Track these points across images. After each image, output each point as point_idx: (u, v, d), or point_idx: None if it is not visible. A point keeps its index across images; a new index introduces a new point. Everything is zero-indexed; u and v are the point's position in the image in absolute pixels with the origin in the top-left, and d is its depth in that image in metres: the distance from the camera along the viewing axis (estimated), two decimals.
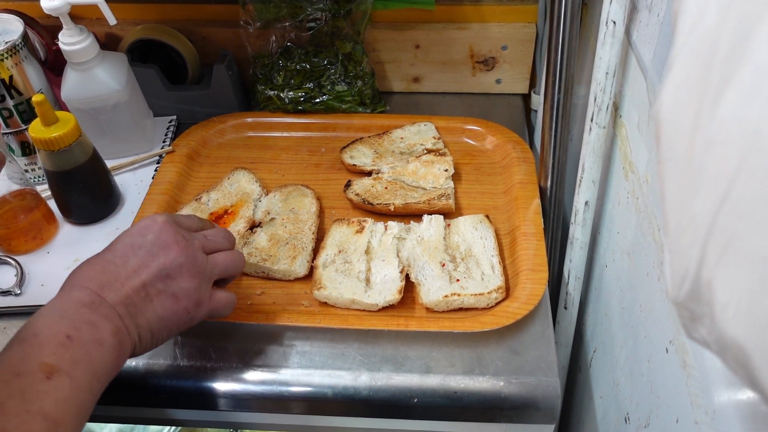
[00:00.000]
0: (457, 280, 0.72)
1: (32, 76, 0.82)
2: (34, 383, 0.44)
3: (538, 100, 1.01)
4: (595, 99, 0.68)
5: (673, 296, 0.30)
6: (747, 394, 0.41)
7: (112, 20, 0.78)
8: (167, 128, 0.96)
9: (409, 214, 0.81)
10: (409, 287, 0.72)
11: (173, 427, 1.07)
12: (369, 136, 0.92)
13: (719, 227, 0.25)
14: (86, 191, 0.80)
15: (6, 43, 0.78)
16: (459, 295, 0.70)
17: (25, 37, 0.80)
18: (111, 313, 0.51)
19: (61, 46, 0.81)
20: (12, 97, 0.81)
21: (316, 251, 0.76)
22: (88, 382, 0.48)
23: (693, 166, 0.26)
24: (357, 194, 0.83)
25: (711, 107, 0.24)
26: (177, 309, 0.56)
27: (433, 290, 0.70)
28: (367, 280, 0.72)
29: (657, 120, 0.28)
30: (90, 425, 0.94)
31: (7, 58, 0.78)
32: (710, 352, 0.30)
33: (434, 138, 0.90)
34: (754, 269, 0.24)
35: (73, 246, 0.80)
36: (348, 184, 0.84)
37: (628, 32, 0.66)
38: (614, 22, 0.63)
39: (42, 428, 0.43)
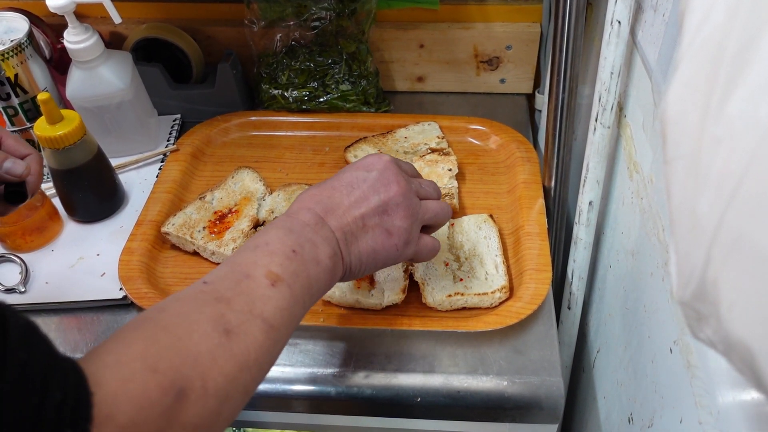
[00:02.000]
0: (461, 279, 0.72)
1: (37, 75, 0.82)
2: (260, 288, 0.48)
3: (542, 100, 1.01)
4: (599, 99, 0.68)
5: (679, 296, 0.30)
6: (751, 395, 0.41)
7: (117, 19, 0.79)
8: (171, 127, 0.97)
9: None
10: (412, 287, 0.72)
11: None
12: (373, 136, 0.92)
13: (726, 226, 0.25)
14: (90, 189, 0.80)
15: (11, 41, 0.78)
16: (462, 294, 0.70)
17: (30, 35, 0.81)
18: (330, 236, 0.55)
19: (66, 44, 0.82)
20: (17, 96, 0.81)
21: None
22: (303, 295, 0.51)
23: (700, 165, 0.26)
24: None
25: (718, 106, 0.24)
26: (388, 244, 0.58)
27: (436, 290, 0.70)
28: (371, 280, 0.72)
29: (663, 119, 0.28)
30: None
31: (12, 56, 0.78)
32: (716, 352, 0.30)
33: (438, 137, 0.90)
34: (761, 269, 0.24)
35: (77, 244, 0.80)
36: None
37: (633, 32, 0.66)
38: (619, 22, 0.63)
39: (260, 329, 0.46)
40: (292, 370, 0.67)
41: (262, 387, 0.66)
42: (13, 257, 0.77)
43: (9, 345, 0.31)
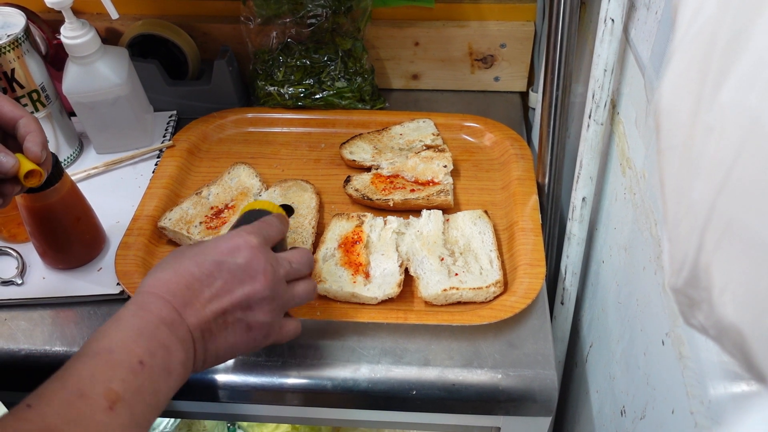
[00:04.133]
0: (456, 274, 0.72)
1: (34, 70, 0.82)
2: (96, 412, 0.42)
3: (536, 98, 1.02)
4: (593, 96, 0.69)
5: (672, 283, 0.31)
6: (742, 383, 0.42)
7: (114, 14, 0.79)
8: (167, 123, 0.97)
9: (408, 210, 0.81)
10: (408, 281, 0.73)
11: (172, 420, 1.08)
12: (368, 132, 0.93)
13: (718, 213, 0.26)
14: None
15: (8, 36, 0.78)
16: (457, 289, 0.70)
17: (27, 30, 0.81)
18: (187, 337, 0.49)
19: (63, 39, 0.82)
20: (14, 90, 0.81)
21: (316, 245, 0.77)
22: (146, 416, 0.45)
23: (692, 153, 0.27)
24: (356, 189, 0.83)
25: (710, 95, 0.25)
26: (247, 339, 0.54)
27: (431, 284, 0.71)
28: (367, 274, 0.73)
29: (657, 110, 0.29)
30: None
31: (9, 51, 0.78)
32: (708, 338, 0.31)
33: (433, 134, 0.91)
34: (752, 253, 0.25)
35: None
36: (347, 180, 0.85)
37: (626, 30, 0.66)
38: (612, 20, 0.64)
39: None
40: (288, 363, 0.67)
41: (258, 380, 0.67)
42: (9, 250, 0.77)
43: None
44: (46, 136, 0.60)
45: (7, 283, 0.74)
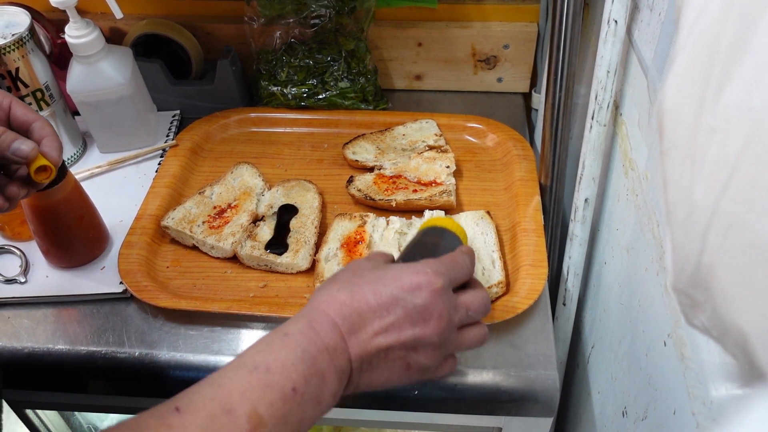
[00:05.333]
0: None
1: (38, 69, 0.83)
2: None
3: (538, 99, 1.02)
4: (596, 97, 0.69)
5: (674, 283, 0.31)
6: (743, 384, 0.42)
7: (118, 14, 0.79)
8: (171, 122, 0.97)
9: (411, 210, 0.81)
10: None
11: None
12: (371, 133, 0.93)
13: (720, 213, 0.26)
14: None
15: (13, 35, 0.79)
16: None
17: (31, 29, 0.81)
18: (345, 367, 0.48)
19: (67, 39, 0.82)
20: (18, 89, 0.81)
21: (318, 245, 0.77)
22: None
23: (695, 154, 0.27)
24: (359, 190, 0.83)
25: (714, 96, 0.25)
26: (403, 377, 0.52)
27: None
28: None
29: (660, 111, 0.29)
30: (90, 416, 0.95)
31: (13, 50, 0.79)
32: (710, 338, 0.31)
33: (436, 135, 0.91)
34: (754, 254, 0.25)
35: None
36: (350, 180, 0.85)
37: (629, 31, 0.67)
38: (616, 21, 0.64)
39: None
40: None
41: None
42: (12, 249, 0.78)
43: None
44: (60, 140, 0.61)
45: (11, 281, 0.74)
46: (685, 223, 0.28)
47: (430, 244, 0.59)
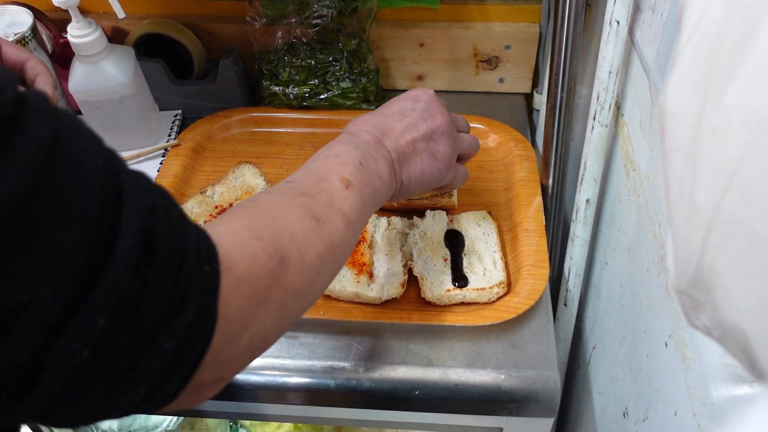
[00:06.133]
0: None
1: None
2: (337, 189, 0.53)
3: (540, 100, 1.02)
4: (597, 98, 0.69)
5: (675, 284, 0.31)
6: (744, 385, 0.42)
7: (121, 14, 0.79)
8: (173, 122, 0.97)
9: (412, 210, 0.81)
10: (411, 281, 0.73)
11: (174, 418, 1.08)
12: None
13: (722, 214, 0.26)
14: None
15: (15, 35, 0.79)
16: (461, 289, 0.70)
17: (34, 29, 0.81)
18: (387, 156, 0.60)
19: (69, 38, 0.82)
20: None
21: None
22: (369, 202, 0.56)
23: (697, 155, 0.27)
24: None
25: (716, 97, 0.25)
26: (434, 167, 0.64)
27: (435, 284, 0.71)
28: (370, 274, 0.73)
29: (662, 111, 0.29)
30: None
31: None
32: (711, 339, 0.31)
33: None
34: (756, 255, 0.25)
35: None
36: None
37: (631, 32, 0.67)
38: (618, 22, 0.64)
39: (341, 221, 0.51)
40: (292, 362, 0.68)
41: (261, 379, 0.67)
42: None
43: (154, 194, 0.36)
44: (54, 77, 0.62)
45: None
46: (687, 224, 0.28)
47: None
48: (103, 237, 0.30)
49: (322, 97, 0.96)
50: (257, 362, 0.67)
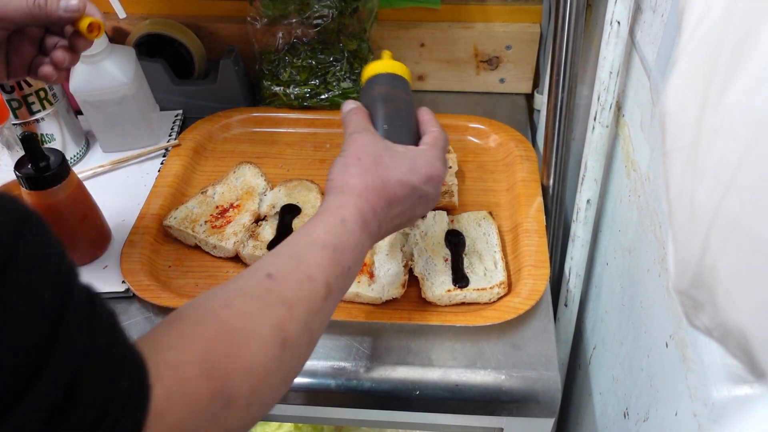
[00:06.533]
0: None
1: None
2: (318, 298, 0.47)
3: (541, 100, 1.02)
4: (598, 98, 0.69)
5: (676, 285, 0.31)
6: (745, 386, 0.42)
7: (122, 14, 0.79)
8: (173, 122, 0.97)
9: None
10: (412, 282, 0.73)
11: None
12: None
13: (723, 215, 0.26)
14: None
15: None
16: (461, 289, 0.70)
17: None
18: (376, 233, 0.56)
19: None
20: (21, 88, 0.81)
21: None
22: (335, 306, 0.52)
23: (698, 155, 0.27)
24: None
25: (717, 97, 0.25)
26: (412, 221, 0.63)
27: (436, 285, 0.71)
28: (371, 274, 0.73)
29: (663, 112, 0.29)
30: None
31: None
32: (712, 339, 0.31)
33: None
34: (757, 255, 0.25)
35: None
36: None
37: (632, 32, 0.67)
38: (618, 23, 0.64)
39: (308, 343, 0.47)
40: None
41: None
42: None
43: (98, 331, 0.32)
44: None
45: None
46: (687, 225, 0.28)
47: (398, 100, 0.66)
48: (20, 381, 0.28)
49: (322, 97, 0.96)
50: None
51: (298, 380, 0.67)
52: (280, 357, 0.43)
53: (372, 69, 0.69)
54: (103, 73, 0.85)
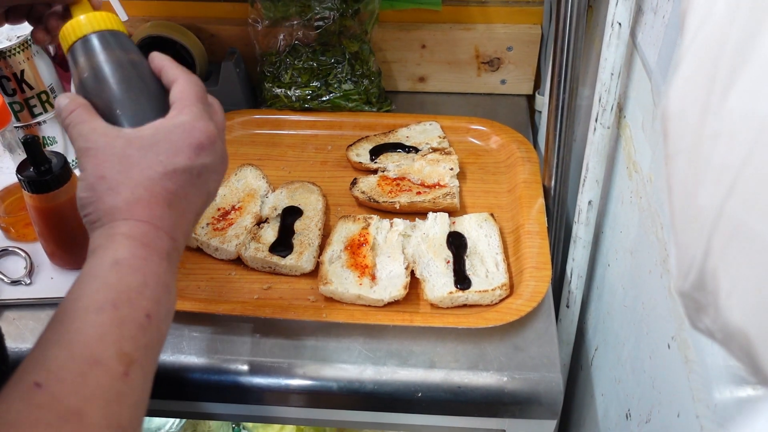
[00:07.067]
0: None
1: (43, 71, 0.83)
2: (114, 381, 0.37)
3: (542, 101, 1.02)
4: (599, 99, 0.69)
5: (678, 287, 0.31)
6: (748, 388, 0.42)
7: (123, 16, 0.80)
8: None
9: (415, 212, 0.81)
10: (414, 284, 0.73)
11: (177, 420, 1.08)
12: (375, 135, 0.93)
13: (725, 217, 0.26)
14: None
15: (18, 37, 0.79)
16: (463, 291, 0.70)
17: None
18: (179, 260, 0.47)
19: None
20: (23, 92, 0.82)
21: (322, 247, 0.77)
22: (154, 366, 0.42)
23: (700, 158, 0.27)
24: (363, 192, 0.84)
25: (719, 100, 0.25)
26: (207, 204, 0.51)
27: (437, 287, 0.71)
28: (373, 276, 0.73)
29: (665, 115, 0.29)
30: None
31: (19, 52, 0.79)
32: (714, 341, 0.31)
33: (439, 137, 0.91)
34: (759, 257, 0.25)
35: None
36: (354, 182, 0.85)
37: (633, 34, 0.67)
38: (620, 24, 0.64)
39: None
40: (294, 364, 0.68)
41: (264, 381, 0.67)
42: (17, 250, 0.78)
43: None
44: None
45: (16, 282, 0.74)
46: (690, 227, 0.28)
47: (122, 67, 0.51)
48: None
49: (324, 99, 0.96)
50: (260, 365, 0.67)
51: (300, 382, 0.67)
52: None
53: (69, 34, 0.51)
54: None
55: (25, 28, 0.81)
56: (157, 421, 1.07)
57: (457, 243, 0.76)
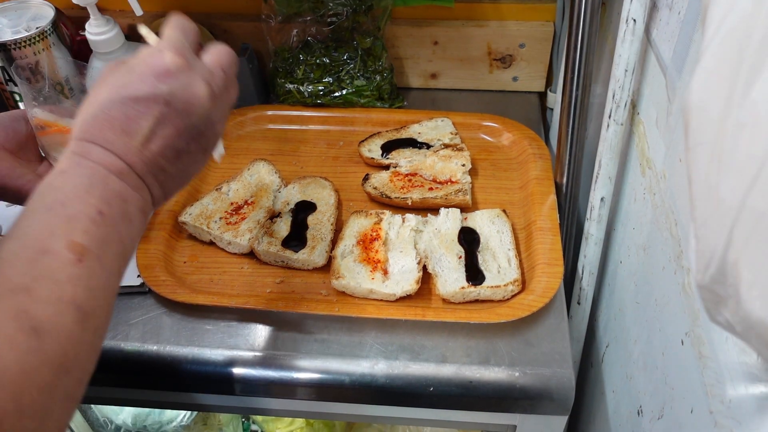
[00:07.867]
0: None
1: (60, 62, 0.83)
2: (65, 266, 0.39)
3: (554, 98, 1.02)
4: (613, 96, 0.69)
5: (698, 280, 0.31)
6: (763, 384, 0.42)
7: (138, 11, 0.80)
8: None
9: (427, 208, 0.82)
10: (426, 279, 0.73)
11: (188, 413, 1.09)
12: (386, 131, 0.93)
13: (748, 209, 0.26)
14: None
15: (36, 27, 0.80)
16: (475, 286, 0.71)
17: (55, 23, 0.82)
18: (139, 184, 0.46)
19: (87, 36, 0.83)
20: (38, 81, 0.82)
21: (334, 242, 0.78)
22: (116, 264, 0.42)
23: (722, 150, 0.27)
24: (375, 188, 0.84)
25: (742, 93, 0.25)
26: (203, 158, 0.50)
27: (450, 282, 0.71)
28: (385, 271, 0.73)
29: (686, 107, 0.29)
30: (105, 409, 0.96)
31: (36, 42, 0.79)
32: (733, 334, 0.31)
33: (451, 133, 0.91)
34: None
35: None
36: (366, 178, 0.86)
37: (647, 30, 0.67)
38: (634, 20, 0.64)
39: (74, 320, 0.38)
40: (306, 358, 0.68)
41: (275, 374, 0.68)
42: None
43: None
44: None
45: None
46: (711, 219, 0.28)
47: None
48: None
49: (336, 94, 0.96)
50: (272, 358, 0.68)
51: (311, 376, 0.67)
52: (39, 348, 0.35)
53: None
54: None
55: (44, 19, 0.81)
56: (168, 413, 1.08)
57: (469, 238, 0.76)
